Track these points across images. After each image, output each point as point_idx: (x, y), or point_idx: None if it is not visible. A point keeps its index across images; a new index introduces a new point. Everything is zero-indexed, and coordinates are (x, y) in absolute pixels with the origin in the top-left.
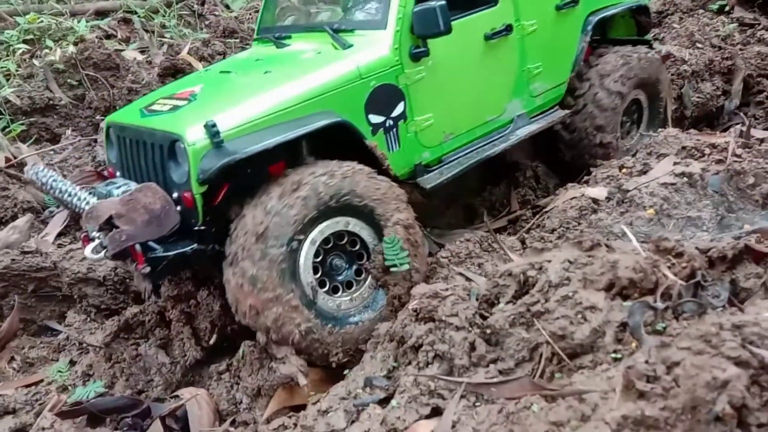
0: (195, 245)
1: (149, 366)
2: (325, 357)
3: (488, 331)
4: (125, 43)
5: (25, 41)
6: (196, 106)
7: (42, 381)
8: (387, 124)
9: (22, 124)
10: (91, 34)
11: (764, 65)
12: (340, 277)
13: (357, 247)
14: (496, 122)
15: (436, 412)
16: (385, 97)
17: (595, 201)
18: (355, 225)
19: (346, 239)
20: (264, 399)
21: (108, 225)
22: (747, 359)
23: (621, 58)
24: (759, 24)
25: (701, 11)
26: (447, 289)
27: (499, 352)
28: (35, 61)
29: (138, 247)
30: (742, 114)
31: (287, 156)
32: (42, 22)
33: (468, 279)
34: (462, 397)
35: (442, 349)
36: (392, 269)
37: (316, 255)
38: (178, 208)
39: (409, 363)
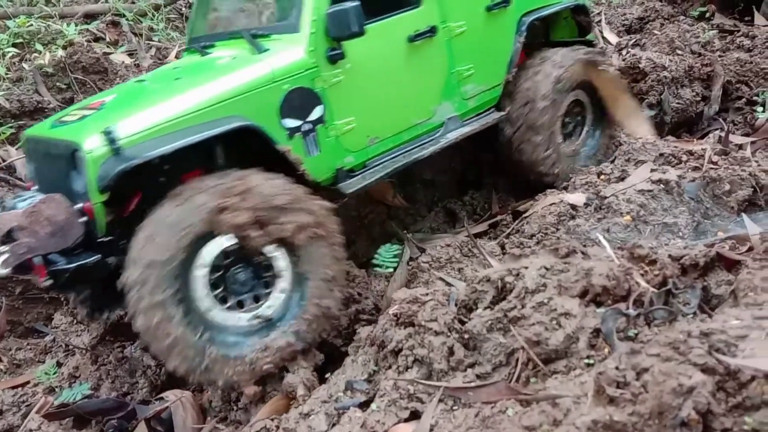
0: (98, 257)
1: (135, 368)
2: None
3: (466, 336)
4: (114, 46)
5: (14, 45)
6: (102, 115)
7: (29, 382)
8: (304, 129)
9: (11, 127)
10: (80, 37)
11: (743, 71)
12: (245, 292)
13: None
14: (425, 125)
15: (415, 415)
16: (300, 100)
17: (573, 207)
18: None
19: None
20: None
21: (9, 238)
22: (713, 366)
23: (554, 60)
24: (738, 31)
25: (682, 18)
26: (427, 294)
27: (476, 357)
28: (24, 65)
29: (38, 259)
30: (721, 120)
31: (203, 164)
32: (32, 25)
33: (448, 284)
34: (440, 401)
35: (421, 354)
36: (376, 268)
37: (216, 270)
38: (84, 218)
39: (389, 367)
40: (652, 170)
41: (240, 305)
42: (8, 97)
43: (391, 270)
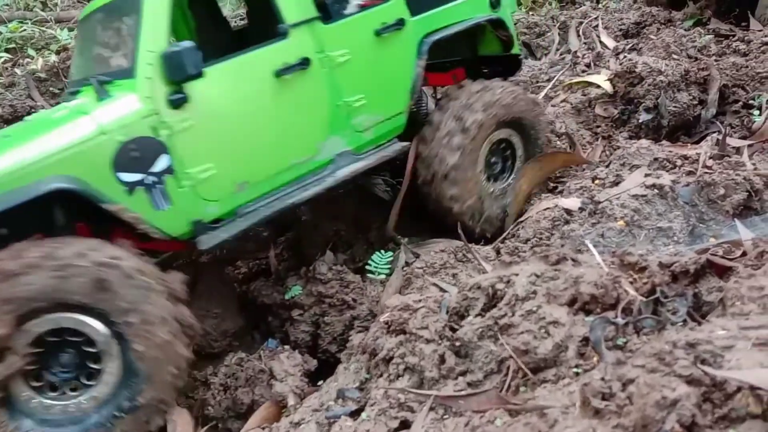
0: None
1: None
2: None
3: (457, 343)
4: None
5: (7, 50)
6: None
7: None
8: (147, 181)
9: None
10: (74, 42)
11: (739, 75)
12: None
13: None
14: (309, 164)
15: (405, 425)
16: (139, 152)
17: (568, 212)
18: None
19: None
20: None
21: None
22: (699, 377)
23: (480, 94)
24: (734, 35)
25: (678, 22)
26: (419, 301)
27: (468, 365)
28: (17, 70)
29: None
30: (718, 123)
31: (42, 226)
32: (24, 30)
33: (442, 290)
34: (431, 409)
35: (412, 362)
36: (368, 274)
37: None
38: None
39: (381, 375)
40: (647, 175)
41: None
42: (1, 102)
43: (384, 276)
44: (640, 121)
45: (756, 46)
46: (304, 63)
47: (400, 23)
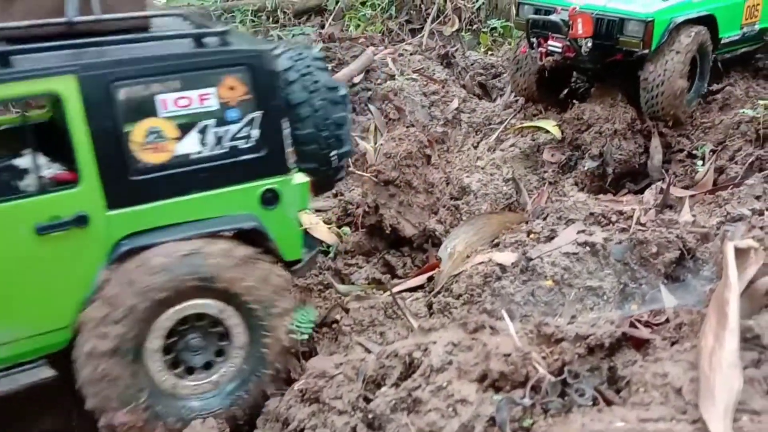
0: None
1: None
2: None
3: (370, 415)
4: None
5: None
6: None
7: None
8: None
9: None
10: None
11: (683, 125)
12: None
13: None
14: None
15: None
16: None
17: (501, 267)
18: None
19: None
20: None
21: None
22: None
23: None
24: None
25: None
26: (340, 365)
27: None
28: None
29: None
30: (664, 171)
31: None
32: None
33: (367, 350)
34: None
35: None
36: (290, 334)
37: None
38: None
39: None
40: (579, 231)
41: None
42: None
43: (306, 337)
44: (585, 168)
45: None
46: None
47: (82, 220)
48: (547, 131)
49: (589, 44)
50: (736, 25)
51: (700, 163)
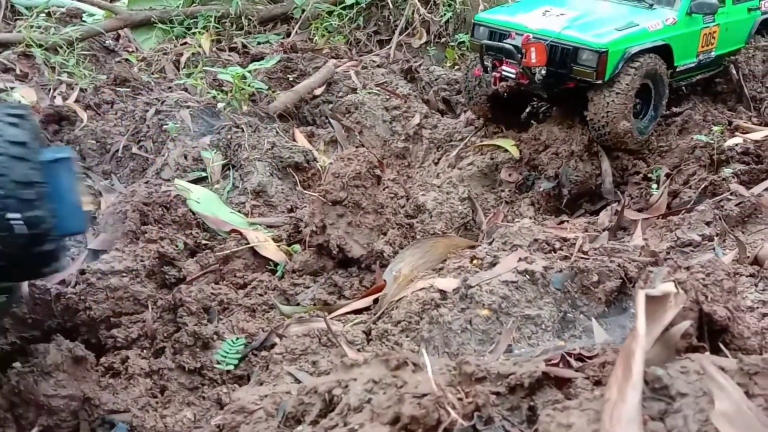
0: None
1: None
2: None
3: None
4: (23, 79)
5: None
6: None
7: None
8: None
9: None
10: None
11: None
12: None
13: None
14: None
15: None
16: None
17: (442, 293)
18: None
19: None
20: None
21: None
22: None
23: None
24: None
25: None
26: (263, 398)
27: None
28: None
29: None
30: (619, 193)
31: None
32: None
33: (296, 380)
34: None
35: None
36: (217, 365)
37: None
38: None
39: None
40: (520, 259)
41: None
42: None
43: (232, 367)
44: (540, 189)
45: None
46: None
47: None
48: (506, 150)
49: (543, 72)
50: (692, 53)
51: (655, 186)
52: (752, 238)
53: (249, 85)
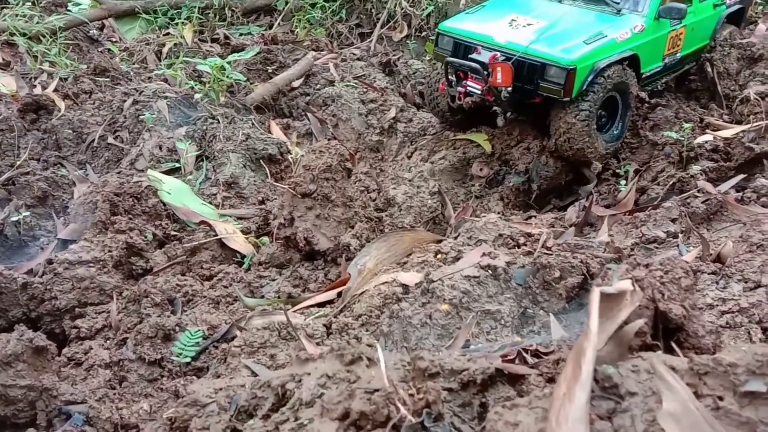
0: None
1: None
2: None
3: None
4: (5, 68)
5: None
6: None
7: None
8: None
9: None
10: None
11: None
12: None
13: None
14: None
15: None
16: None
17: (405, 287)
18: None
19: None
20: None
21: None
22: None
23: None
24: None
25: None
26: (217, 392)
27: None
28: None
29: None
30: (590, 189)
31: None
32: None
33: (253, 373)
34: None
35: None
36: (175, 357)
37: None
38: None
39: None
40: (483, 254)
41: None
42: None
43: (189, 359)
44: (510, 183)
45: None
46: None
47: None
48: (479, 145)
49: (510, 90)
50: (658, 57)
51: (623, 182)
52: (717, 235)
53: (227, 77)
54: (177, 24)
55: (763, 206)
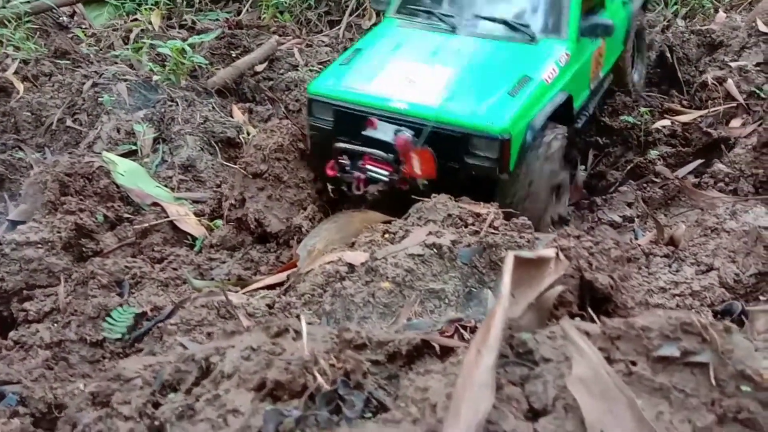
0: None
1: None
2: None
3: (156, 423)
4: None
5: None
6: None
7: None
8: None
9: None
10: None
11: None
12: None
13: None
14: None
15: None
16: None
17: (350, 266)
18: None
19: None
20: None
21: None
22: None
23: None
24: None
25: None
26: (146, 368)
27: None
28: None
29: None
30: None
31: None
32: None
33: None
34: None
35: None
36: (104, 333)
37: None
38: None
39: None
40: (429, 233)
41: None
42: None
43: (119, 336)
44: None
45: None
46: None
47: None
48: None
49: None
50: (585, 85)
51: (582, 167)
52: (674, 220)
53: (189, 59)
54: (144, 10)
55: (720, 191)
